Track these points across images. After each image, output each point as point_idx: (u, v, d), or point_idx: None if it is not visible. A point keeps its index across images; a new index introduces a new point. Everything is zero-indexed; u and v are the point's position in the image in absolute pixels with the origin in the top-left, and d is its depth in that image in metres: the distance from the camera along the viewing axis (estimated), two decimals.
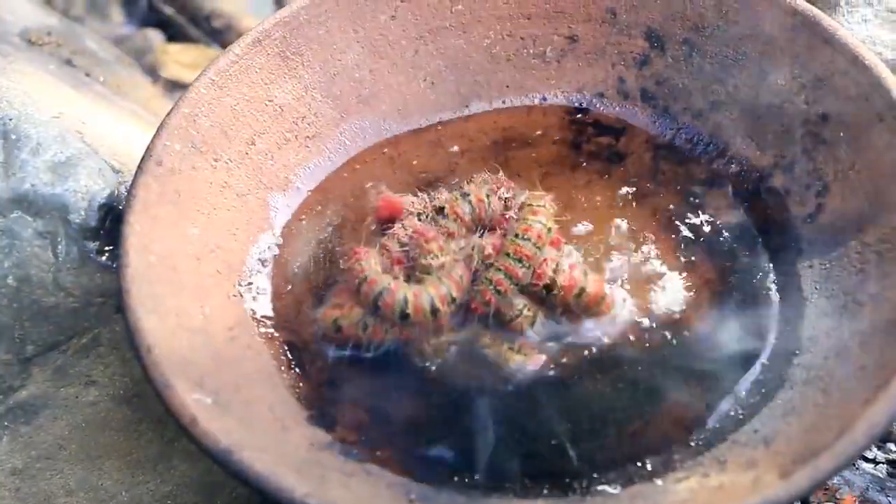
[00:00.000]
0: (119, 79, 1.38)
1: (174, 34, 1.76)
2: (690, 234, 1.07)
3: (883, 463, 1.04)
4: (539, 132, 1.20)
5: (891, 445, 1.05)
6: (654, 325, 0.99)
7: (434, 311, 0.94)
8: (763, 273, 1.03)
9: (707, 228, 1.07)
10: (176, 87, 1.59)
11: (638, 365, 0.96)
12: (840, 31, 1.05)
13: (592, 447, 0.91)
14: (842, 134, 1.03)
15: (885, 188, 0.97)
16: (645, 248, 1.06)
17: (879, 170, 0.98)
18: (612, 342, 0.97)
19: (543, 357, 0.96)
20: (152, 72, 1.62)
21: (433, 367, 0.96)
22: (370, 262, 0.97)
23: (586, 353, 0.97)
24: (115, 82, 1.35)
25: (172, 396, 0.81)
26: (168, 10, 1.74)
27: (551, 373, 0.95)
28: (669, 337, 0.98)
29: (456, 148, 1.19)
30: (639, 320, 0.99)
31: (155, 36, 1.74)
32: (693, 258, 1.05)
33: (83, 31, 1.45)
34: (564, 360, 0.96)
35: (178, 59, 1.65)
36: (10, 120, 1.08)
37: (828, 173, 1.04)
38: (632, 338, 0.98)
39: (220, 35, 1.51)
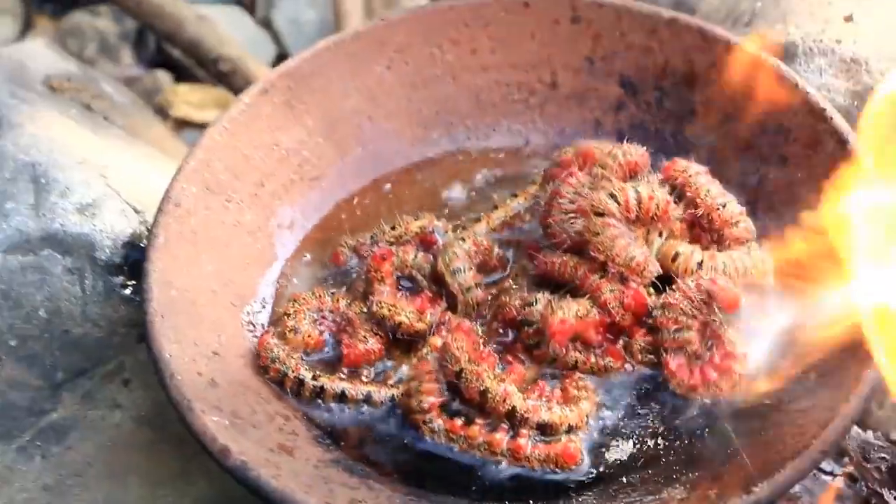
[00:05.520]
0: (133, 121, 1.46)
1: (182, 75, 1.85)
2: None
3: (840, 475, 1.12)
4: (524, 172, 1.29)
5: (846, 460, 1.13)
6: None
7: None
8: None
9: None
10: (184, 126, 1.68)
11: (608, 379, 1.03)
12: (798, 80, 1.15)
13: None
14: (799, 175, 1.12)
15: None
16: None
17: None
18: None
19: None
20: (161, 111, 1.71)
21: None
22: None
23: None
24: (129, 124, 1.43)
25: (195, 419, 0.90)
26: (176, 52, 1.82)
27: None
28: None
29: (448, 187, 1.28)
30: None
31: (163, 77, 1.83)
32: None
33: (99, 76, 1.54)
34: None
35: (187, 99, 1.73)
36: (40, 165, 1.17)
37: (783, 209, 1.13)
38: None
39: (226, 78, 1.58)
